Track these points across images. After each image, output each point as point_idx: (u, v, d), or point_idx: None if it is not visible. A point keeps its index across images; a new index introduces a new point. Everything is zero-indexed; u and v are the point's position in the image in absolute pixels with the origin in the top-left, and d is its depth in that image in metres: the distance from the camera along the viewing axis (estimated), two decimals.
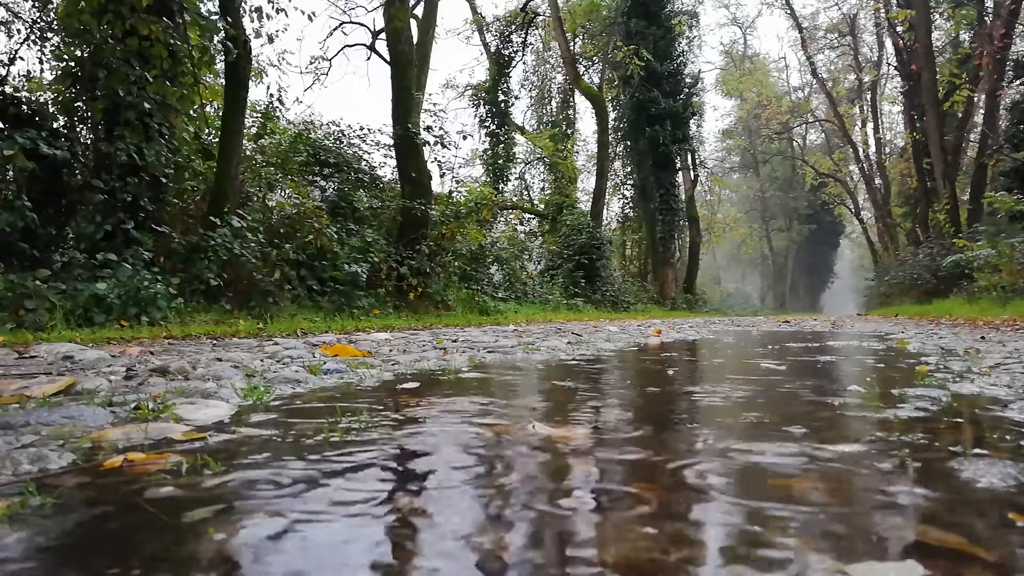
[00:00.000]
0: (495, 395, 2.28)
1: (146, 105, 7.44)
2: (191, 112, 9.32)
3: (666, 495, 1.04)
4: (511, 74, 26.78)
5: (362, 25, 29.64)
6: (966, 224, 19.25)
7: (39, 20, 8.48)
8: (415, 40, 14.09)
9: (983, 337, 5.64)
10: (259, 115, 12.96)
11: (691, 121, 27.95)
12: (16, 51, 8.17)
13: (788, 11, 34.88)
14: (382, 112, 31.37)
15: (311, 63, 21.21)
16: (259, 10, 9.37)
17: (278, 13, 9.63)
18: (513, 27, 26.23)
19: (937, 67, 21.44)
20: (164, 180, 7.75)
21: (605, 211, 28.02)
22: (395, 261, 11.03)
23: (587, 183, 31.55)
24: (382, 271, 10.73)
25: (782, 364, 3.41)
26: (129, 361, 3.11)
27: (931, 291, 19.33)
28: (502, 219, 21.97)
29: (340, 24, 21.02)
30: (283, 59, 20.23)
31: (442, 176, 19.84)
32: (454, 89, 29.39)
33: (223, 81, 9.77)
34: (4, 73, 7.90)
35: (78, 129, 7.80)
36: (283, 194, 11.17)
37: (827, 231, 52.40)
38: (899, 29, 24.47)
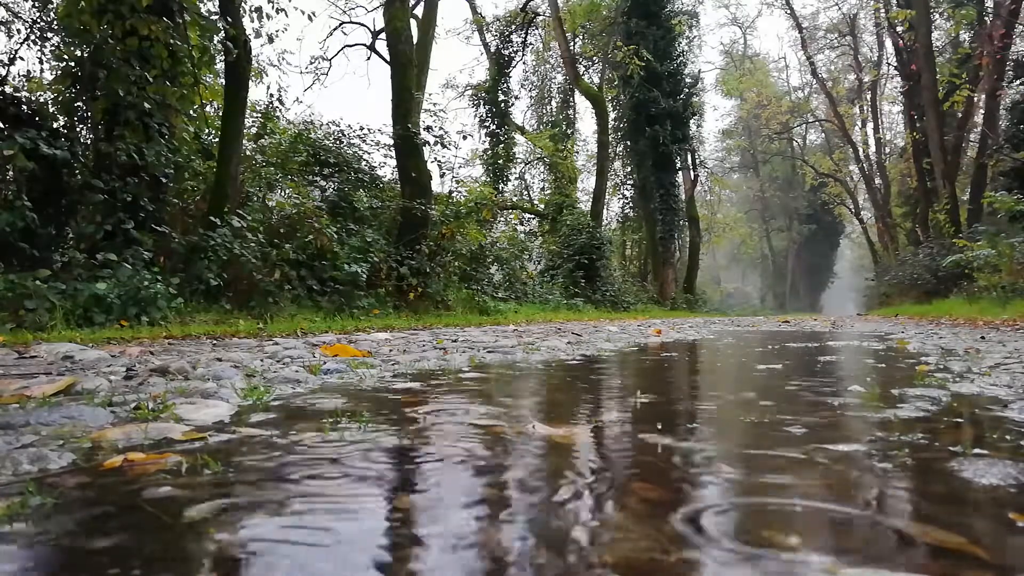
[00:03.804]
0: (495, 395, 2.28)
1: (146, 105, 7.44)
2: (191, 112, 9.32)
3: (666, 495, 1.04)
4: (511, 74, 26.80)
5: (362, 25, 29.64)
6: (966, 224, 19.26)
7: (39, 20, 8.48)
8: (415, 40, 14.10)
9: (983, 337, 5.64)
10: (259, 115, 12.96)
11: (691, 121, 27.93)
12: (16, 51, 8.18)
13: (788, 11, 34.90)
14: (382, 112, 31.34)
15: (311, 63, 21.28)
16: (259, 10, 9.38)
17: (278, 13, 9.65)
18: (513, 27, 26.22)
19: (937, 67, 21.43)
20: (164, 180, 7.75)
21: (605, 211, 28.03)
22: (395, 261, 11.03)
23: (587, 183, 31.60)
24: (382, 271, 10.72)
25: (782, 364, 3.41)
26: (129, 361, 3.11)
27: (931, 291, 19.33)
28: (502, 219, 21.95)
29: (340, 24, 21.10)
30: (283, 59, 20.23)
31: (442, 176, 19.83)
32: (454, 89, 29.47)
33: (223, 81, 9.77)
34: (4, 73, 7.90)
35: (78, 129, 7.80)
36: (283, 194, 11.17)
37: (827, 231, 52.40)
38: (899, 29, 24.47)
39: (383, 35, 16.13)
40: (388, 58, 13.28)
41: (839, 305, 56.13)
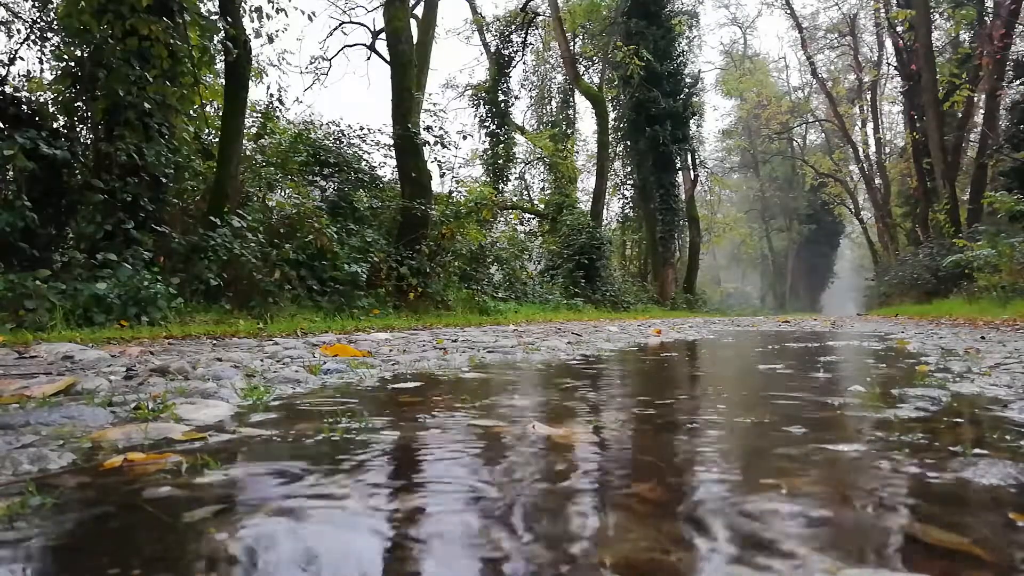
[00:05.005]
0: (495, 395, 2.27)
1: (146, 105, 7.44)
2: (191, 112, 9.32)
3: (666, 495, 1.04)
4: (511, 74, 26.77)
5: (362, 25, 29.58)
6: (966, 224, 19.26)
7: (39, 20, 8.48)
8: (415, 40, 14.09)
9: (983, 337, 5.64)
10: (259, 115, 12.95)
11: (691, 121, 27.90)
12: (16, 51, 8.17)
13: (788, 11, 34.91)
14: (382, 112, 31.35)
15: (311, 63, 21.28)
16: (259, 10, 9.38)
17: (278, 13, 9.65)
18: (513, 27, 26.21)
19: (937, 67, 21.43)
20: (164, 180, 7.74)
21: (605, 211, 28.02)
22: (395, 261, 11.03)
23: (587, 183, 31.60)
24: (382, 271, 10.72)
25: (783, 364, 3.41)
26: (129, 361, 3.11)
27: (931, 291, 19.33)
28: (502, 219, 21.95)
29: (340, 24, 21.10)
30: (283, 59, 20.26)
31: (442, 176, 19.84)
32: (454, 89, 29.46)
33: (223, 81, 9.77)
34: (4, 73, 7.90)
35: (78, 129, 7.80)
36: (283, 194, 11.16)
37: (827, 231, 52.39)
38: (899, 29, 24.48)
39: (383, 35, 16.14)
40: (388, 58, 13.28)
41: (839, 305, 56.13)
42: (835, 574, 0.72)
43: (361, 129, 14.30)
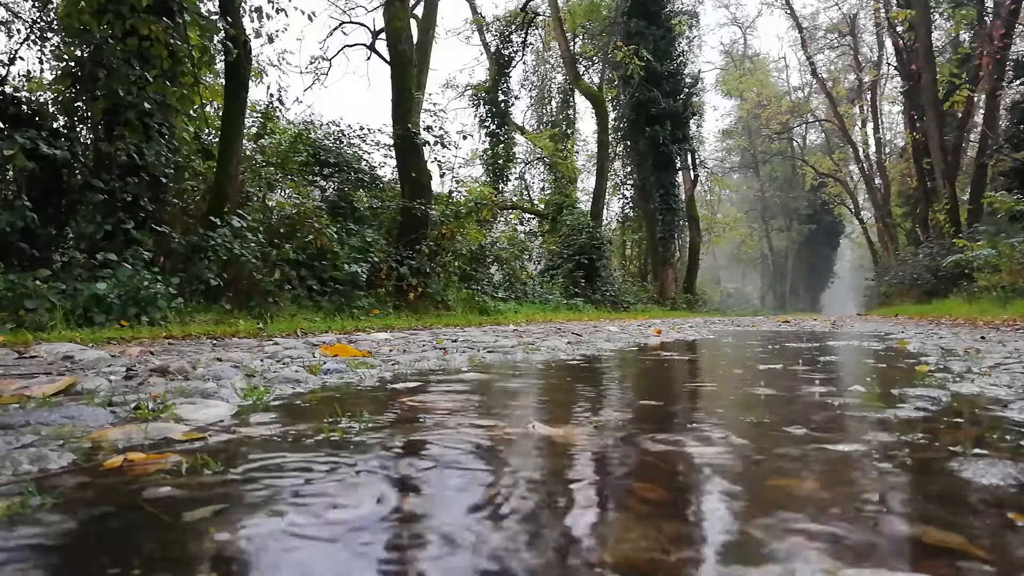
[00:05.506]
0: (495, 395, 2.28)
1: (146, 105, 7.44)
2: (191, 112, 9.31)
3: (665, 495, 1.04)
4: (511, 74, 26.79)
5: (362, 25, 29.53)
6: (966, 224, 19.26)
7: (39, 20, 8.48)
8: (415, 40, 14.09)
9: (983, 337, 5.64)
10: (259, 115, 12.96)
11: (691, 121, 27.92)
12: (16, 51, 8.16)
13: (788, 11, 34.91)
14: (382, 112, 31.35)
15: (311, 63, 21.25)
16: (259, 10, 9.38)
17: (278, 13, 9.65)
18: (513, 27, 26.22)
19: (937, 67, 21.43)
20: (164, 180, 7.74)
21: (605, 211, 28.03)
22: (395, 261, 11.03)
23: (587, 183, 31.61)
24: (382, 271, 10.73)
25: (782, 364, 3.41)
26: (129, 361, 3.11)
27: (931, 291, 19.34)
28: (502, 219, 21.95)
29: (340, 24, 21.07)
30: (283, 59, 20.25)
31: (442, 176, 19.83)
32: (454, 89, 29.44)
33: (223, 81, 9.77)
34: (4, 73, 7.89)
35: (78, 129, 7.79)
36: (283, 194, 11.16)
37: (827, 231, 52.41)
38: (899, 29, 24.48)
39: (383, 35, 16.11)
40: (388, 58, 13.27)
41: (839, 305, 56.16)
42: (835, 574, 0.72)
43: (361, 129, 14.31)
